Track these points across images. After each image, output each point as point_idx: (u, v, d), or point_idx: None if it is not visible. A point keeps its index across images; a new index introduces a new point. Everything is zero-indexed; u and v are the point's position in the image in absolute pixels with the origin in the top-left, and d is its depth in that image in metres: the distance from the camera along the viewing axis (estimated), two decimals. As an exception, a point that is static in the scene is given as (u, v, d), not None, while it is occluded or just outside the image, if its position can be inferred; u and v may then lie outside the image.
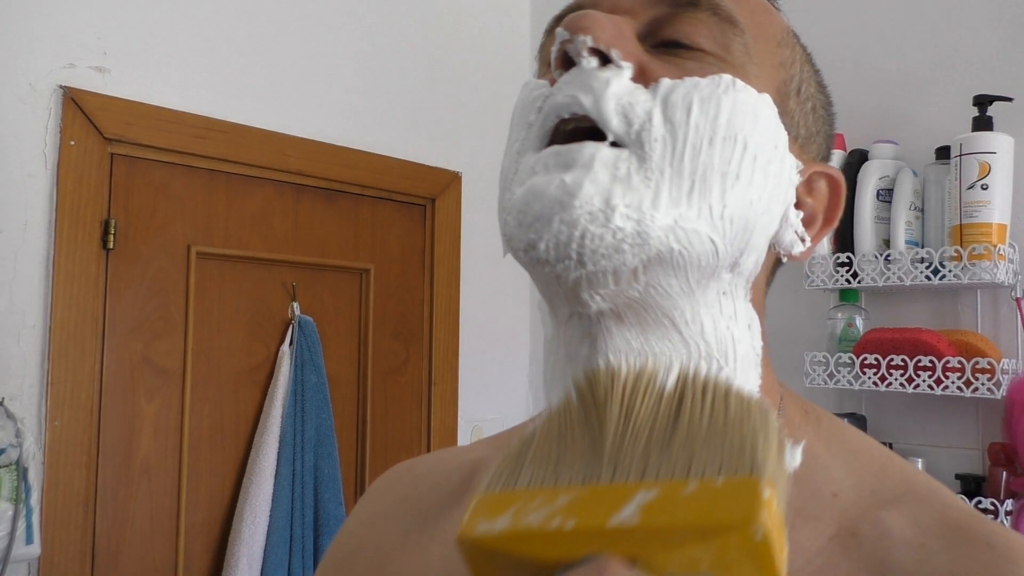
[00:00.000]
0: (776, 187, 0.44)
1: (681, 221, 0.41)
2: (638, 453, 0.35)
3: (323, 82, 1.95)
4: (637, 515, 0.32)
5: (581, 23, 0.43)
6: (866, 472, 0.46)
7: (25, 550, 1.37)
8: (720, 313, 0.44)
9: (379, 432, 2.04)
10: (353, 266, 2.01)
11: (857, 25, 1.82)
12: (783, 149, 0.45)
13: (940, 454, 1.66)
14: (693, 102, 0.42)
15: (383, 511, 0.60)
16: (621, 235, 0.40)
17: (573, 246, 0.40)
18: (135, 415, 1.66)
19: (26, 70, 1.53)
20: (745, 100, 0.43)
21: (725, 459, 0.33)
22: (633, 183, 0.41)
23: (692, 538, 0.31)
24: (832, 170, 0.48)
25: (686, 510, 0.32)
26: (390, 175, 2.05)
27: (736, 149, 0.42)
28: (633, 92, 0.42)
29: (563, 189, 0.41)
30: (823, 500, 0.44)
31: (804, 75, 0.48)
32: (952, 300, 1.66)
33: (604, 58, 0.43)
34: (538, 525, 0.34)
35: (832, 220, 0.48)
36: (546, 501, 0.35)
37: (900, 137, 1.70)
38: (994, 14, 1.64)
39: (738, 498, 0.32)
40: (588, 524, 0.33)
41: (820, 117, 0.49)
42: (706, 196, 0.41)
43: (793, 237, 0.46)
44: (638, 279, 0.42)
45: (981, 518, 0.43)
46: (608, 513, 0.33)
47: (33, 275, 1.53)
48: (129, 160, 1.67)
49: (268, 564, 1.72)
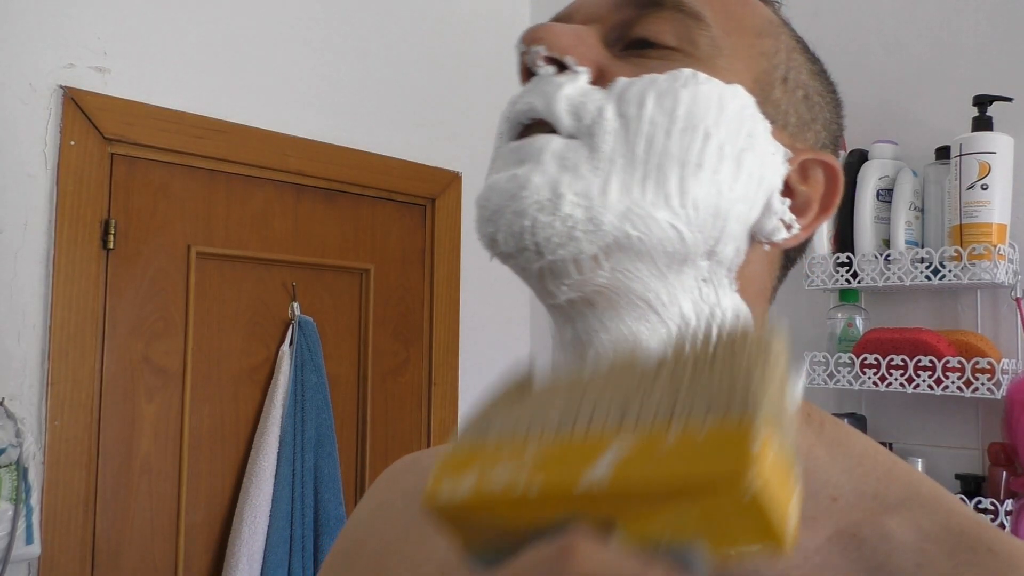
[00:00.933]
0: (753, 175, 0.45)
1: (635, 207, 0.42)
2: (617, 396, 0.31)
3: (323, 82, 1.95)
4: (610, 472, 0.28)
5: (536, 35, 0.45)
6: (868, 477, 0.46)
7: (25, 550, 1.37)
8: (701, 299, 0.45)
9: (379, 432, 2.04)
10: (353, 266, 2.01)
11: (857, 25, 1.82)
12: (762, 137, 0.45)
13: (940, 454, 1.66)
14: (648, 97, 0.43)
15: (388, 503, 0.61)
16: (571, 222, 0.42)
17: (527, 236, 0.42)
18: (135, 415, 1.66)
19: (26, 70, 1.53)
20: (707, 92, 0.43)
21: (713, 399, 0.29)
22: (581, 171, 0.42)
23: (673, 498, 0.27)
24: (828, 158, 0.48)
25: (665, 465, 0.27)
26: (390, 175, 2.05)
27: (696, 139, 0.43)
28: (587, 93, 0.44)
29: (514, 181, 0.43)
30: (822, 503, 0.44)
31: (793, 64, 0.48)
32: (952, 300, 1.66)
33: (561, 65, 0.45)
34: (503, 488, 0.30)
35: (829, 208, 0.48)
36: (513, 455, 0.30)
37: (900, 137, 1.70)
38: (994, 14, 1.64)
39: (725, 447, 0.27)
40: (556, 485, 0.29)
41: (816, 105, 0.49)
42: (663, 184, 0.42)
43: (776, 224, 0.46)
44: (601, 265, 0.43)
45: (985, 525, 0.42)
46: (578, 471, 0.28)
47: (33, 275, 1.53)
48: (129, 160, 1.67)
49: (268, 564, 1.72)
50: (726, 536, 0.27)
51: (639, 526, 0.28)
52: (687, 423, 0.28)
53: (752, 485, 0.26)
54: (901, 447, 1.71)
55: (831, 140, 0.51)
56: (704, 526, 0.27)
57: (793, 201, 0.47)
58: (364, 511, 0.63)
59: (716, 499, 0.27)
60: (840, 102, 0.53)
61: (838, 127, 0.52)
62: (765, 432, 0.27)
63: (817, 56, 0.52)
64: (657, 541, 0.28)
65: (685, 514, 0.27)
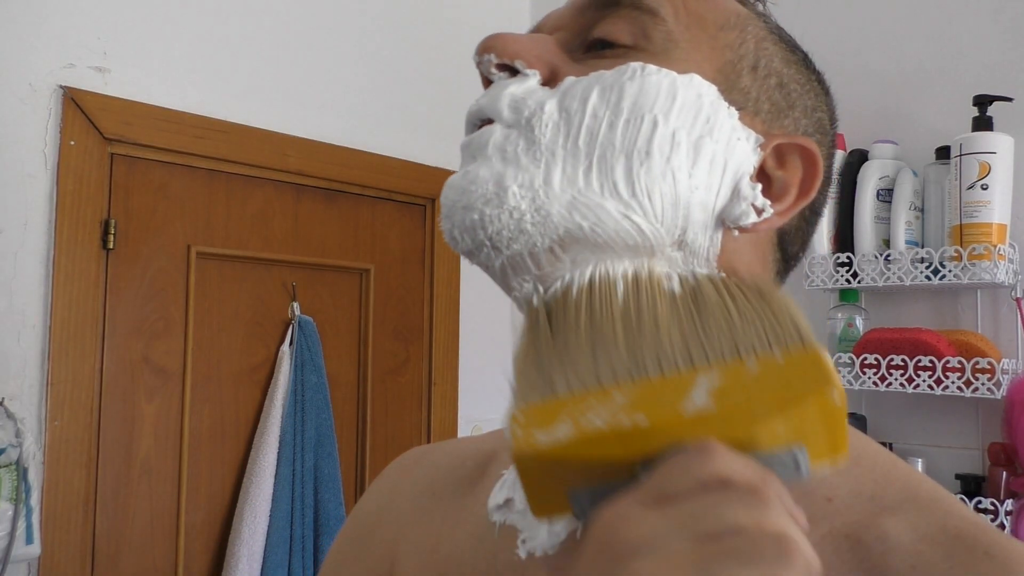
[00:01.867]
0: (716, 161, 0.45)
1: (580, 197, 0.42)
2: (676, 343, 0.35)
3: (323, 82, 1.95)
4: (711, 400, 0.32)
5: (486, 44, 0.47)
6: (866, 478, 0.45)
7: (25, 550, 1.37)
8: None
9: (379, 432, 2.04)
10: (353, 266, 2.01)
11: (857, 25, 1.82)
12: (726, 124, 0.45)
13: (940, 454, 1.66)
14: (592, 91, 0.44)
15: (399, 492, 0.62)
16: (518, 214, 0.42)
17: (479, 231, 0.43)
18: (135, 415, 1.66)
19: (26, 70, 1.53)
20: (656, 82, 0.44)
21: (771, 336, 0.34)
22: (523, 163, 0.43)
23: (771, 413, 0.32)
24: (805, 141, 0.48)
25: (760, 387, 0.32)
26: (390, 175, 2.05)
27: (644, 127, 0.43)
28: (533, 91, 0.45)
29: (465, 177, 0.45)
30: (816, 504, 0.44)
31: (763, 52, 0.49)
32: (952, 300, 1.66)
33: (513, 70, 0.47)
34: (608, 425, 0.33)
35: (808, 192, 0.48)
36: (601, 401, 0.34)
37: (900, 137, 1.70)
38: (994, 14, 1.64)
39: (806, 368, 0.32)
40: (662, 416, 0.32)
41: (793, 92, 0.49)
42: (608, 174, 0.43)
43: (745, 209, 0.45)
44: (560, 258, 0.43)
45: (984, 527, 0.42)
46: (677, 403, 0.33)
47: (33, 275, 1.53)
48: (129, 160, 1.67)
49: (268, 564, 1.72)
50: (812, 446, 0.33)
51: (747, 441, 0.32)
52: (760, 356, 0.34)
53: (839, 388, 0.32)
54: (901, 447, 1.71)
55: (815, 127, 0.51)
56: (794, 434, 0.32)
57: (771, 186, 0.47)
58: (374, 500, 0.64)
59: (808, 407, 0.32)
60: (825, 90, 0.53)
61: (825, 116, 0.52)
62: (828, 356, 0.33)
63: (798, 46, 0.52)
64: (763, 452, 0.32)
65: (779, 426, 0.32)
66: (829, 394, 0.32)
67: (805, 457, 0.33)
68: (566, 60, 0.47)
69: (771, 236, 0.49)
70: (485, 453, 0.59)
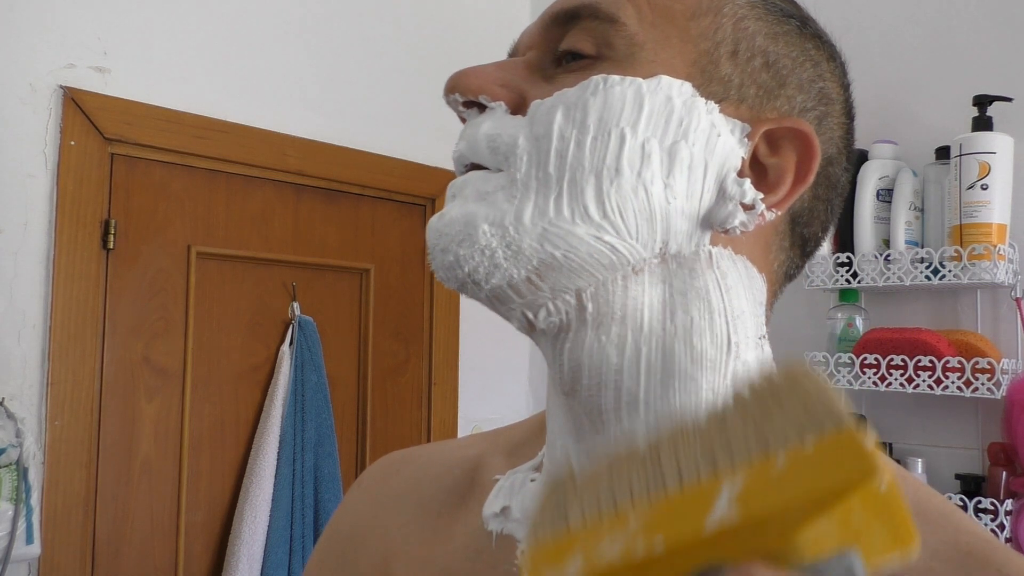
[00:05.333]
0: (695, 165, 0.43)
1: (551, 228, 0.42)
2: (696, 448, 0.31)
3: (323, 82, 1.95)
4: (735, 508, 0.28)
5: (450, 83, 0.47)
6: None
7: (25, 550, 1.37)
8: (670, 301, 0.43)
9: (379, 432, 2.04)
10: (353, 266, 2.01)
11: (857, 25, 1.82)
12: (703, 121, 0.43)
13: (940, 454, 1.66)
14: (557, 112, 0.43)
15: (383, 502, 0.60)
16: (490, 251, 0.42)
17: (457, 270, 0.43)
18: (135, 415, 1.66)
19: (26, 70, 1.53)
20: (620, 93, 0.43)
21: (799, 424, 0.29)
22: (497, 201, 0.43)
23: (809, 516, 0.27)
24: (796, 123, 0.45)
25: (789, 486, 0.27)
26: (390, 175, 2.05)
27: (612, 143, 0.42)
28: (505, 124, 0.45)
29: (441, 220, 0.45)
30: None
31: (743, 34, 0.46)
32: (952, 300, 1.66)
33: (481, 106, 0.47)
34: (621, 556, 0.29)
35: (805, 176, 0.45)
36: (615, 528, 0.30)
37: (900, 137, 1.70)
38: (994, 14, 1.64)
39: (842, 455, 0.27)
40: (680, 536, 0.28)
41: (784, 68, 0.46)
42: (578, 198, 0.42)
43: (731, 211, 0.44)
44: (539, 286, 0.43)
45: (995, 545, 0.41)
46: (698, 518, 0.28)
47: (33, 275, 1.53)
48: (129, 160, 1.67)
49: (268, 564, 1.72)
50: (867, 544, 0.27)
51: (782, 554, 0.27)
52: (787, 449, 0.28)
53: (884, 475, 0.26)
54: (901, 447, 1.71)
55: (816, 99, 0.47)
56: (844, 535, 0.27)
57: (766, 176, 0.45)
58: (358, 506, 0.62)
59: (853, 500, 0.27)
60: (829, 55, 0.50)
61: (830, 83, 0.49)
62: (868, 435, 0.28)
63: (792, 13, 0.48)
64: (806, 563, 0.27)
65: (823, 529, 0.27)
66: (873, 483, 0.26)
67: (859, 561, 0.27)
68: (535, 81, 0.46)
69: (778, 224, 0.47)
70: (471, 460, 0.58)
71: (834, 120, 0.49)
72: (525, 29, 0.50)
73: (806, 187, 0.45)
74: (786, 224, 0.47)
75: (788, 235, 0.48)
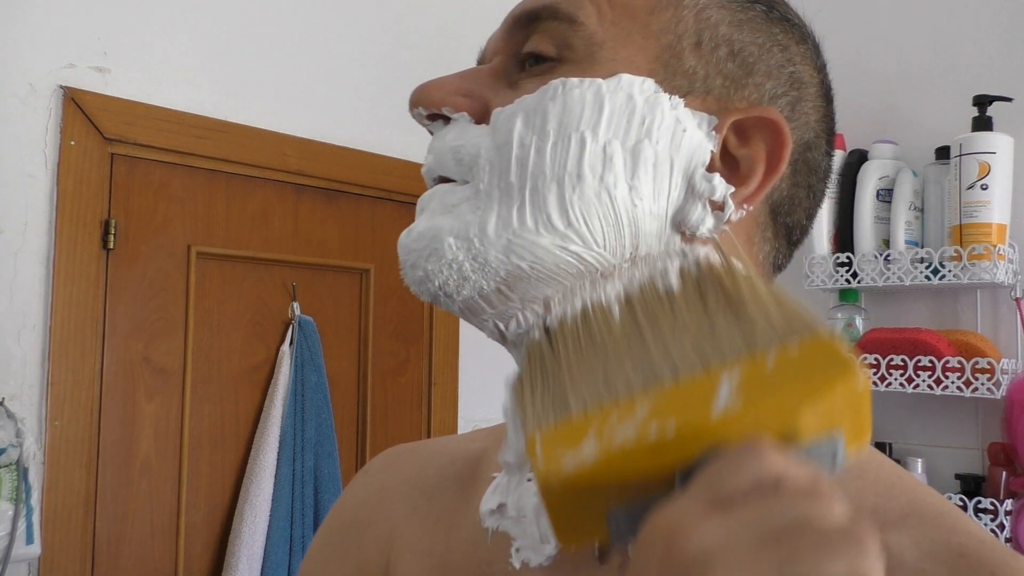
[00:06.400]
0: (660, 165, 0.42)
1: (515, 239, 0.41)
2: (686, 345, 0.34)
3: (323, 82, 1.95)
4: (737, 399, 0.31)
5: (413, 98, 0.47)
6: (869, 491, 0.43)
7: (25, 550, 1.37)
8: None
9: (379, 432, 2.04)
10: (353, 266, 2.01)
11: (857, 25, 1.82)
12: (667, 118, 0.42)
13: (940, 454, 1.66)
14: (516, 120, 0.42)
15: (390, 488, 0.60)
16: (457, 264, 0.42)
17: (427, 284, 0.44)
18: (135, 415, 1.66)
19: (26, 70, 1.53)
20: (579, 96, 0.42)
21: (781, 327, 0.33)
22: (460, 213, 0.43)
23: (799, 405, 0.31)
24: (764, 111, 0.44)
25: (783, 380, 0.31)
26: (390, 175, 2.05)
27: (572, 149, 0.41)
28: (467, 134, 0.45)
29: (408, 235, 0.46)
30: None
31: (705, 24, 0.45)
32: (952, 300, 1.66)
33: (446, 118, 0.47)
34: (636, 439, 0.31)
35: (776, 166, 0.44)
36: (624, 414, 0.32)
37: (900, 137, 1.70)
38: (994, 14, 1.64)
39: (823, 356, 0.31)
40: (691, 422, 0.31)
41: (751, 56, 0.45)
42: (541, 207, 0.41)
43: (702, 213, 0.43)
44: (509, 297, 0.43)
45: (990, 545, 0.40)
46: (705, 406, 0.31)
47: (33, 275, 1.53)
48: (129, 160, 1.67)
49: (268, 564, 1.72)
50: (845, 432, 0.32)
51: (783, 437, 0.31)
52: (776, 349, 0.32)
53: (864, 376, 0.31)
54: (901, 447, 1.71)
55: (786, 85, 0.46)
56: (825, 422, 0.31)
57: (738, 168, 0.44)
58: (363, 492, 0.62)
59: (837, 396, 0.31)
60: (798, 38, 0.48)
61: (801, 67, 0.47)
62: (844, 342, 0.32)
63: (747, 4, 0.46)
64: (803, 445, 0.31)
65: (809, 418, 0.31)
66: (854, 378, 0.31)
67: (842, 445, 0.32)
68: (499, 89, 0.45)
69: (758, 216, 0.46)
70: (474, 453, 0.58)
71: (809, 104, 0.47)
72: (491, 35, 0.49)
73: (778, 176, 0.44)
74: (766, 215, 0.46)
75: (771, 225, 0.47)
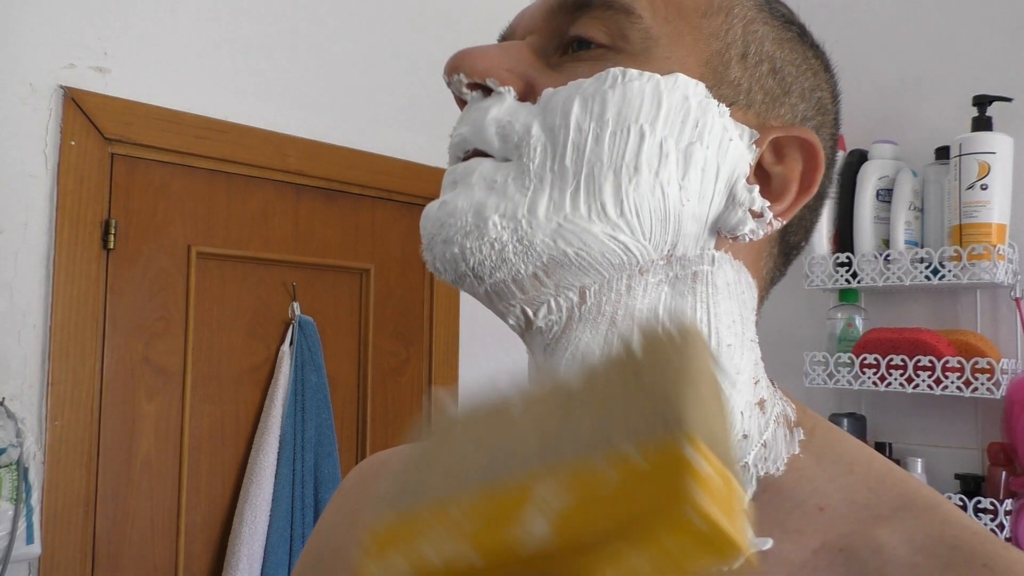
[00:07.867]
0: (708, 169, 0.42)
1: (566, 224, 0.41)
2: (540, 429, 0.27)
3: (323, 82, 1.95)
4: (546, 525, 0.24)
5: (453, 63, 0.44)
6: (859, 485, 0.43)
7: (25, 550, 1.37)
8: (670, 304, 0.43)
9: (379, 432, 2.04)
10: (353, 266, 2.01)
11: (857, 25, 1.82)
12: (716, 125, 0.42)
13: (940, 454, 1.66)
14: (573, 103, 0.41)
15: (361, 510, 0.59)
16: (499, 245, 0.41)
17: (460, 263, 0.42)
18: (135, 415, 1.66)
19: (26, 70, 1.53)
20: (639, 88, 0.41)
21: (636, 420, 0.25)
22: (508, 192, 0.41)
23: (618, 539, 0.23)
24: (804, 132, 0.44)
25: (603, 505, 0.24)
26: (390, 175, 2.05)
27: (631, 141, 0.41)
28: (515, 111, 0.43)
29: (443, 209, 0.43)
30: (808, 513, 0.42)
31: (752, 36, 0.45)
32: (952, 300, 1.67)
33: (486, 88, 0.44)
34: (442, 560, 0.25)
35: (810, 186, 0.44)
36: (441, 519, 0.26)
37: (900, 137, 1.70)
38: (994, 14, 1.64)
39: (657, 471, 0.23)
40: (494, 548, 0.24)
41: (789, 75, 0.46)
42: (596, 195, 0.41)
43: (742, 217, 0.43)
44: (544, 283, 0.42)
45: (983, 537, 0.40)
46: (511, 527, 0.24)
47: (33, 275, 1.53)
48: (129, 160, 1.67)
49: (268, 564, 1.72)
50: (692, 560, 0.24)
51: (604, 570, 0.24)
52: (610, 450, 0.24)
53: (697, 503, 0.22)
54: (901, 447, 1.71)
55: (815, 109, 0.47)
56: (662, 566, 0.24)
57: (770, 184, 0.44)
58: (337, 515, 0.62)
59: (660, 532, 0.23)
60: (824, 64, 0.49)
61: (826, 94, 0.48)
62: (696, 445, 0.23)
63: (792, 19, 0.48)
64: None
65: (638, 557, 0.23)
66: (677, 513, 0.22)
67: None
68: (542, 69, 0.45)
69: (772, 233, 0.46)
70: None
71: (827, 131, 0.48)
72: (522, 12, 0.48)
73: (810, 197, 0.45)
74: (777, 233, 0.47)
75: (778, 243, 0.48)
